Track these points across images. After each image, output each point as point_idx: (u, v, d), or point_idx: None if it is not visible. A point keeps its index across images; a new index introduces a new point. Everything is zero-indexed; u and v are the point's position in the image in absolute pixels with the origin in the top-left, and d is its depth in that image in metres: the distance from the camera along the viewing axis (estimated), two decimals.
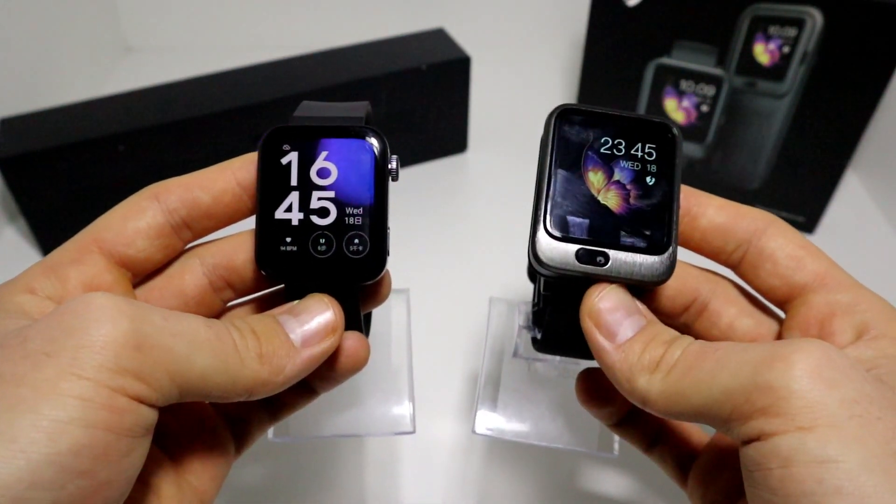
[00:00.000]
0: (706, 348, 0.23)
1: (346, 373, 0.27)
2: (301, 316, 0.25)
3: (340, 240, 0.26)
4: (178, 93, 0.55)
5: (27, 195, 0.51)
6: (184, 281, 0.27)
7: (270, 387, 0.24)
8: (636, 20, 0.55)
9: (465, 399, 0.45)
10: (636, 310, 0.25)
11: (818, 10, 0.48)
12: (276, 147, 0.26)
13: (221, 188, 0.27)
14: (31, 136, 0.51)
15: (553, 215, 0.26)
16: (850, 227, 0.59)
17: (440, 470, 0.41)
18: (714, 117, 0.56)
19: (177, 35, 0.83)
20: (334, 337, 0.25)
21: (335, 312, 0.26)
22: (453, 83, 0.61)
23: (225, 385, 0.23)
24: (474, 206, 0.62)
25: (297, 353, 0.25)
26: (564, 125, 0.27)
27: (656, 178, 0.26)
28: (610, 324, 0.25)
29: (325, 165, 0.26)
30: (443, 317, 0.50)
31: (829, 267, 0.26)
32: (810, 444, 0.19)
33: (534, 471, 0.41)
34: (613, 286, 0.26)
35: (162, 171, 0.54)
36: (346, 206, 0.26)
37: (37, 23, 0.65)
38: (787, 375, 0.20)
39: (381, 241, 0.26)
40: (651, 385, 0.23)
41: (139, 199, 0.26)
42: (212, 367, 0.22)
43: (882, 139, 0.60)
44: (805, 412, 0.19)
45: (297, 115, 0.28)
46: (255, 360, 0.23)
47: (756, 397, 0.20)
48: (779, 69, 0.52)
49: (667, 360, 0.23)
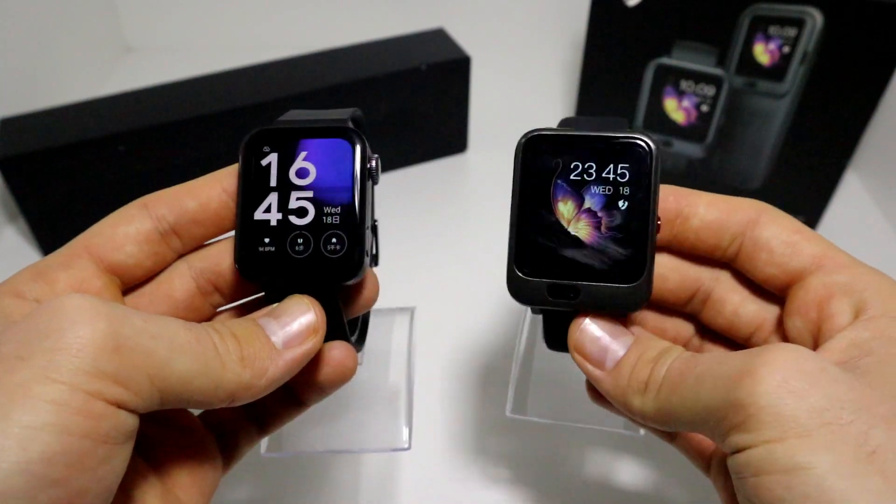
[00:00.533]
0: (688, 364, 0.23)
1: (333, 383, 0.27)
2: (282, 318, 0.25)
3: (318, 239, 0.26)
4: (178, 93, 0.55)
5: (27, 195, 0.51)
6: (172, 285, 0.27)
7: (254, 391, 0.23)
8: (636, 20, 0.55)
9: (464, 413, 0.45)
10: (621, 331, 0.26)
11: (818, 10, 0.48)
12: (257, 149, 0.26)
13: (207, 195, 0.27)
14: (31, 136, 0.51)
15: (523, 252, 0.26)
16: (850, 227, 0.59)
17: (437, 490, 0.40)
18: (714, 117, 0.56)
19: (177, 35, 0.83)
20: (316, 338, 0.25)
21: (316, 313, 0.25)
22: (453, 83, 0.61)
23: (207, 389, 0.22)
24: (474, 206, 0.62)
25: (279, 354, 0.24)
26: (531, 156, 0.26)
27: (629, 201, 0.25)
28: (596, 353, 0.26)
29: (303, 165, 0.26)
30: (443, 317, 0.50)
31: (826, 248, 0.26)
32: (779, 455, 0.19)
33: (536, 490, 0.41)
34: (588, 321, 0.26)
35: (162, 171, 0.54)
36: (324, 206, 0.26)
37: (37, 23, 0.65)
38: (755, 391, 0.20)
39: (359, 239, 0.26)
40: (645, 405, 0.24)
41: (128, 208, 0.27)
42: (193, 371, 0.21)
43: (882, 139, 0.60)
44: (774, 426, 0.20)
45: (280, 119, 0.28)
46: (237, 363, 0.23)
47: (730, 414, 0.21)
48: (779, 69, 0.52)
49: (654, 379, 0.24)
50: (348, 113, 0.28)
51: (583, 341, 0.26)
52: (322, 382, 0.27)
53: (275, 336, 0.24)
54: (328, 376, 0.27)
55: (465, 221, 0.60)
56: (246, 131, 0.28)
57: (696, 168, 0.59)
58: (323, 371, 0.26)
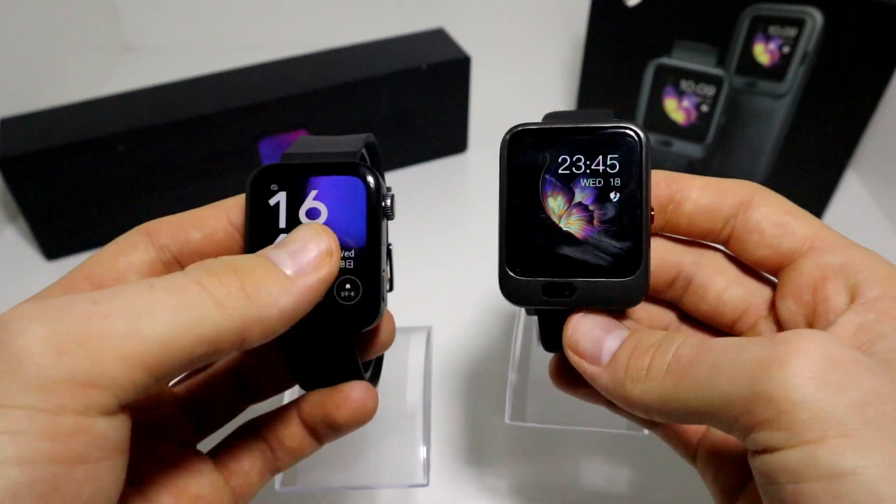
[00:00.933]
0: (700, 349, 0.22)
1: (352, 424, 0.26)
2: (289, 245, 0.23)
3: (331, 285, 0.24)
4: (178, 93, 0.55)
5: (27, 195, 0.51)
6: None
7: (266, 325, 0.21)
8: (636, 20, 0.55)
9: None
10: (615, 325, 0.25)
11: (818, 10, 0.48)
12: (265, 187, 0.25)
13: (213, 226, 0.26)
14: (31, 136, 0.51)
15: (515, 251, 0.25)
16: (850, 227, 0.58)
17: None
18: (714, 117, 0.56)
19: (177, 35, 0.83)
20: (332, 262, 0.23)
21: (328, 237, 0.23)
22: (453, 83, 0.61)
23: (205, 339, 0.19)
24: (474, 206, 0.62)
25: (292, 282, 0.22)
26: (517, 151, 0.25)
27: (621, 192, 0.25)
28: (591, 349, 0.25)
29: (314, 205, 0.25)
30: (443, 318, 0.50)
31: (819, 229, 0.25)
32: (822, 458, 0.18)
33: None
34: (581, 316, 0.25)
35: (162, 171, 0.54)
36: None
37: (37, 23, 0.65)
38: (788, 384, 0.18)
39: (374, 285, 0.24)
40: (646, 394, 0.22)
41: (130, 236, 0.25)
42: (175, 327, 0.19)
43: (882, 139, 0.60)
44: (812, 424, 0.18)
45: (289, 153, 0.26)
46: (237, 295, 0.20)
47: (757, 409, 0.19)
48: (779, 69, 0.52)
49: (656, 366, 0.22)
50: (361, 142, 0.27)
51: (576, 339, 0.25)
52: (341, 423, 0.26)
53: (284, 265, 0.22)
54: (348, 418, 0.26)
55: (464, 221, 0.60)
56: (246, 131, 0.27)
57: (696, 168, 0.59)
58: (343, 412, 0.26)
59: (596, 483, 0.41)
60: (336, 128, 0.58)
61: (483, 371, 0.47)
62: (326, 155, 0.26)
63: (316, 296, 0.23)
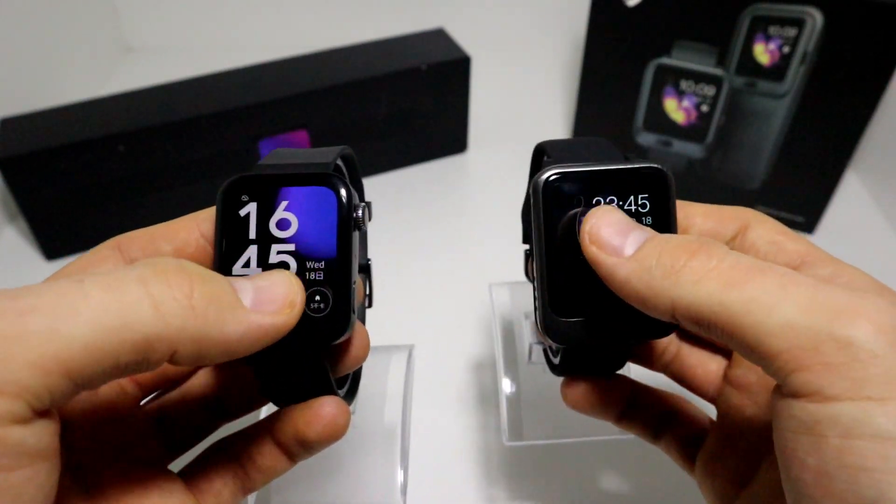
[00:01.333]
0: (764, 265, 0.20)
1: (323, 441, 0.25)
2: (256, 280, 0.22)
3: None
4: (178, 93, 0.55)
5: (27, 195, 0.51)
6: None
7: (202, 346, 0.19)
8: (636, 20, 0.55)
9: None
10: (638, 226, 0.24)
11: (818, 10, 0.48)
12: (235, 198, 0.25)
13: (184, 238, 0.25)
14: (31, 136, 0.51)
15: (557, 294, 0.26)
16: (850, 227, 0.59)
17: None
18: (714, 117, 0.56)
19: (177, 35, 0.83)
20: (291, 313, 0.22)
21: (296, 287, 0.23)
22: (453, 83, 0.61)
23: (135, 344, 0.18)
24: (474, 206, 0.62)
25: (245, 312, 0.20)
26: (551, 195, 0.25)
27: (654, 229, 0.25)
28: (614, 239, 0.23)
29: (284, 216, 0.24)
30: (442, 319, 0.50)
31: (809, 247, 0.26)
32: (879, 419, 0.17)
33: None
34: (606, 207, 0.24)
35: (162, 171, 0.54)
36: (306, 260, 0.24)
37: (37, 23, 0.65)
38: (874, 337, 0.18)
39: (344, 296, 0.24)
40: (680, 288, 0.21)
41: (101, 249, 0.25)
42: (102, 328, 0.17)
43: (882, 139, 0.60)
44: (881, 381, 0.17)
45: (261, 164, 0.26)
46: (181, 304, 0.19)
47: (827, 349, 0.18)
48: (779, 69, 0.52)
49: (701, 262, 0.21)
50: (335, 153, 0.27)
51: (599, 227, 0.23)
52: (312, 440, 0.25)
53: (244, 295, 0.21)
54: (320, 434, 0.25)
55: (464, 221, 0.60)
56: (246, 131, 0.27)
57: (696, 168, 0.59)
58: (314, 428, 0.25)
59: (594, 493, 0.41)
60: (336, 128, 0.58)
61: (482, 382, 0.47)
62: (298, 166, 0.25)
63: (263, 339, 0.21)
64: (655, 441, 0.31)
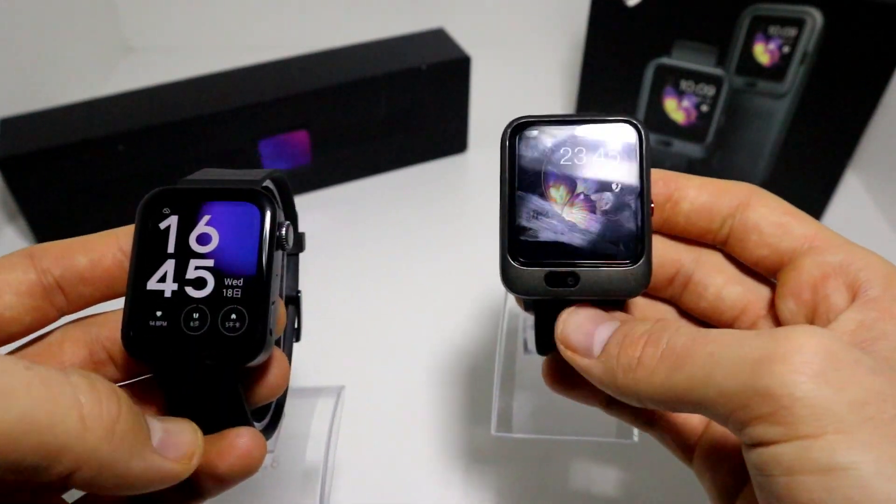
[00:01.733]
0: (696, 340, 0.21)
1: (237, 475, 0.24)
2: (166, 423, 0.22)
3: (216, 314, 0.23)
4: (178, 93, 0.55)
5: (27, 195, 0.51)
6: (62, 349, 0.24)
7: (106, 473, 0.19)
8: (636, 20, 0.55)
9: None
10: (605, 317, 0.25)
11: (818, 10, 0.48)
12: (156, 210, 0.24)
13: (101, 252, 0.24)
14: (31, 136, 0.51)
15: (518, 241, 0.25)
16: (850, 227, 0.58)
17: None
18: (714, 117, 0.56)
19: (177, 35, 0.83)
20: (188, 465, 0.22)
21: (199, 442, 0.22)
22: (453, 83, 0.61)
23: (46, 449, 0.17)
24: (474, 206, 0.62)
25: (150, 452, 0.20)
26: (519, 141, 0.26)
27: (623, 183, 0.25)
28: (582, 342, 0.24)
29: (205, 231, 0.24)
30: (442, 319, 0.50)
31: (818, 229, 0.25)
32: (817, 453, 0.18)
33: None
34: (573, 308, 0.25)
35: (162, 171, 0.54)
36: (224, 277, 0.23)
37: (37, 23, 0.65)
38: (789, 381, 0.18)
39: (261, 316, 0.23)
40: (638, 383, 0.22)
41: (10, 256, 0.24)
42: (26, 420, 0.16)
43: (882, 139, 0.60)
44: (810, 420, 0.18)
45: (187, 178, 0.25)
46: (104, 426, 0.18)
47: (755, 403, 0.19)
48: (779, 69, 0.52)
49: (648, 355, 0.22)
50: (265, 174, 0.26)
51: (567, 332, 0.25)
52: (224, 473, 0.23)
53: (154, 432, 0.21)
54: (232, 467, 0.23)
55: (464, 221, 0.60)
56: (246, 131, 0.26)
57: (696, 168, 0.59)
58: (226, 460, 0.23)
59: (585, 492, 0.40)
60: (336, 128, 0.58)
61: (473, 372, 0.47)
62: (224, 182, 0.25)
63: (156, 482, 0.21)
64: (649, 428, 0.29)
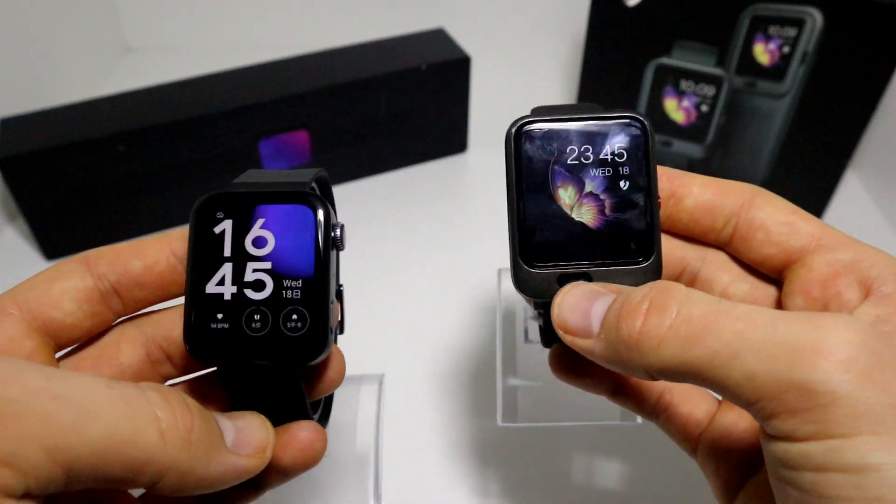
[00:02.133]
0: (718, 312, 0.20)
1: (299, 467, 0.24)
2: (237, 421, 0.23)
3: (277, 316, 0.23)
4: (178, 93, 0.55)
5: (27, 195, 0.51)
6: (119, 350, 0.25)
7: (187, 479, 0.20)
8: (636, 20, 0.55)
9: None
10: (601, 291, 0.24)
11: (818, 10, 0.48)
12: (210, 215, 0.24)
13: (155, 257, 0.25)
14: (31, 136, 0.51)
15: (528, 244, 0.25)
16: (850, 227, 0.58)
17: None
18: (714, 117, 0.56)
19: (177, 35, 0.83)
20: (262, 458, 0.23)
21: (270, 434, 0.23)
22: (453, 83, 0.61)
23: (132, 463, 0.18)
24: (474, 206, 0.62)
25: (226, 453, 0.21)
26: (524, 142, 0.25)
27: (630, 181, 0.25)
28: (580, 323, 0.23)
29: (261, 234, 0.24)
30: (442, 318, 0.50)
31: (825, 228, 0.25)
32: (849, 453, 0.17)
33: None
34: (565, 290, 0.24)
35: (162, 172, 0.54)
36: (283, 279, 0.24)
37: (37, 23, 0.65)
38: (834, 378, 0.18)
39: (322, 316, 0.23)
40: (646, 357, 0.20)
41: (67, 263, 0.24)
42: (114, 438, 0.18)
43: (882, 139, 0.60)
44: (848, 420, 0.18)
45: (236, 182, 0.25)
46: (181, 437, 0.19)
47: (790, 397, 0.18)
48: (779, 69, 0.52)
49: (654, 324, 0.20)
50: (311, 174, 0.26)
51: (563, 316, 0.24)
52: (288, 465, 0.24)
53: (227, 433, 0.22)
54: (296, 459, 0.24)
55: (464, 221, 0.60)
56: (246, 131, 0.26)
57: (697, 168, 0.59)
58: (289, 453, 0.24)
59: (591, 477, 0.41)
60: (336, 128, 0.58)
61: (479, 368, 0.47)
62: (275, 185, 0.25)
63: (235, 479, 0.22)
64: (653, 419, 0.29)
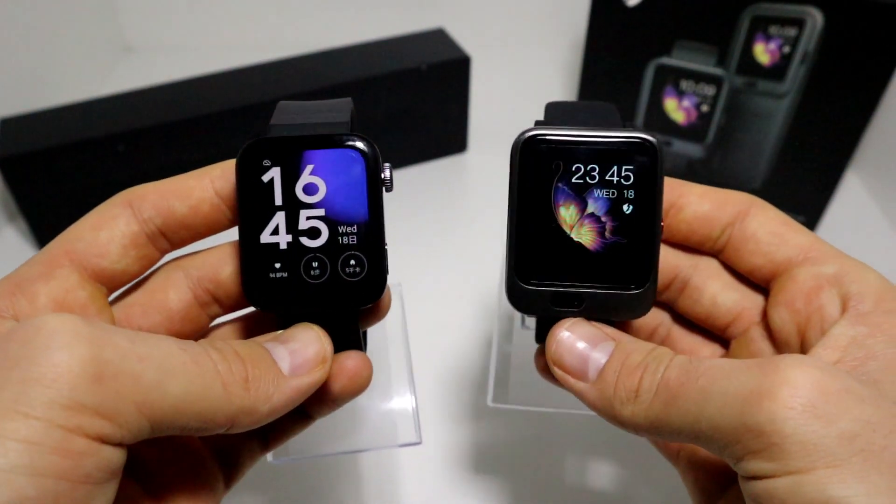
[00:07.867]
0: (688, 374, 0.21)
1: (348, 396, 0.25)
2: (289, 344, 0.24)
3: (335, 262, 0.24)
4: (178, 93, 0.55)
5: (27, 195, 0.51)
6: (167, 296, 0.25)
7: (255, 417, 0.22)
8: (636, 20, 0.55)
9: (469, 403, 0.45)
10: (601, 337, 0.25)
11: (818, 10, 0.48)
12: (256, 163, 0.24)
13: (199, 197, 0.25)
14: (31, 136, 0.51)
15: (524, 260, 0.25)
16: (850, 227, 0.59)
17: (449, 480, 0.40)
18: (714, 117, 0.56)
19: (177, 35, 0.83)
20: (324, 368, 0.24)
21: (325, 343, 0.24)
22: (453, 83, 0.61)
23: (205, 414, 0.20)
24: (474, 206, 0.62)
25: (286, 381, 0.23)
26: (530, 157, 0.24)
27: (634, 205, 0.24)
28: (577, 365, 0.24)
29: (311, 181, 0.24)
30: (443, 318, 0.50)
31: (814, 241, 0.25)
32: (809, 487, 0.18)
33: (550, 476, 0.41)
34: (567, 323, 0.25)
35: (162, 172, 0.54)
36: (338, 225, 0.24)
37: (37, 23, 0.65)
38: (777, 417, 0.19)
39: (379, 260, 0.24)
40: (635, 416, 0.22)
41: (110, 207, 0.25)
42: (189, 395, 0.20)
43: (882, 139, 0.60)
44: (801, 455, 0.18)
45: (275, 124, 0.25)
46: (240, 385, 0.21)
47: (745, 439, 0.19)
48: (779, 69, 0.52)
49: (645, 388, 0.22)
50: (347, 108, 0.26)
51: (561, 354, 0.25)
52: (336, 394, 0.25)
53: (282, 362, 0.23)
54: (344, 387, 0.25)
55: (464, 221, 0.60)
56: (246, 131, 0.26)
57: (697, 168, 0.59)
58: (338, 382, 0.25)
59: (579, 466, 0.41)
60: None
61: (475, 365, 0.47)
62: (316, 126, 0.24)
63: (304, 396, 0.23)
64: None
